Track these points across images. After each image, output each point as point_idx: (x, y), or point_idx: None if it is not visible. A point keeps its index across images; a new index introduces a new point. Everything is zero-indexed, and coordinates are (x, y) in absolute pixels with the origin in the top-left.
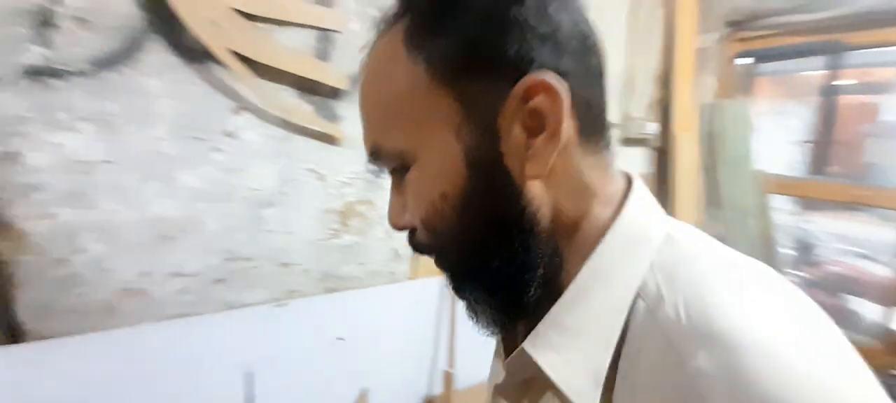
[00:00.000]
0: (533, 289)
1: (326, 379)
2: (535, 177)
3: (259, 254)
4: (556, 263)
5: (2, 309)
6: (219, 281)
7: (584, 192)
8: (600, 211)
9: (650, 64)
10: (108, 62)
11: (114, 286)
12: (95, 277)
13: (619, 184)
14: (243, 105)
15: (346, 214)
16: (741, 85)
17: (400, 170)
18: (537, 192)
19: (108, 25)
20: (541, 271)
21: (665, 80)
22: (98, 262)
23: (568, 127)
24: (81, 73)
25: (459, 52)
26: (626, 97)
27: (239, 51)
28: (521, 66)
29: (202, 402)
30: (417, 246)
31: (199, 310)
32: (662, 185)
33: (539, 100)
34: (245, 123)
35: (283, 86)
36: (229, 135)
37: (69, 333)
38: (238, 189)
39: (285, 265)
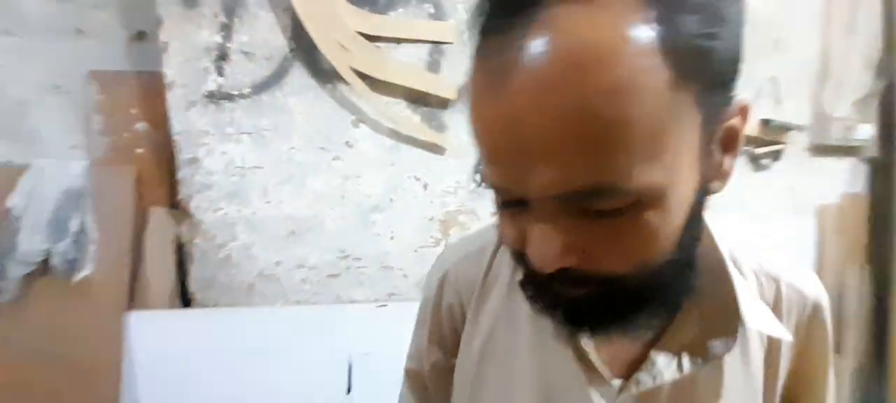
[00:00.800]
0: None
1: None
2: (717, 192)
3: (367, 255)
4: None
5: (180, 280)
6: (333, 275)
7: None
8: None
9: (861, 44)
10: (264, 86)
11: (255, 270)
12: (244, 261)
13: None
14: (361, 118)
15: (446, 223)
16: None
17: (615, 211)
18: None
19: (265, 56)
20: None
21: (886, 67)
22: (247, 249)
23: None
24: (243, 96)
25: (721, 69)
26: (822, 90)
27: (360, 69)
28: (734, 83)
29: (308, 385)
30: (585, 282)
31: (315, 300)
32: (883, 209)
33: (739, 121)
34: (362, 134)
35: (396, 99)
36: (348, 145)
37: (221, 305)
38: (353, 194)
39: (387, 267)
